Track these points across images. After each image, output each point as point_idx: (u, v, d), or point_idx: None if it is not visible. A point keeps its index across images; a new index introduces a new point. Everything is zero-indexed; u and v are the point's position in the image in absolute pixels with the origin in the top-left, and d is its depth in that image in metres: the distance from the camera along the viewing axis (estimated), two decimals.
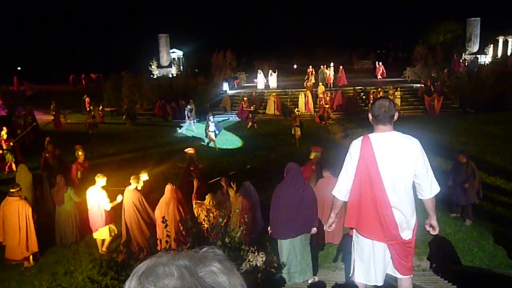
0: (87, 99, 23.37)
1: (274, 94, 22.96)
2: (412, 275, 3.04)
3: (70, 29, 44.15)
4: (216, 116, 18.71)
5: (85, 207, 7.63)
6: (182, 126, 19.71)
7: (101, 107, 22.87)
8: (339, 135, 16.93)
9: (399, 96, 21.45)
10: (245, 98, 21.54)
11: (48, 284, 6.79)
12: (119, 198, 7.32)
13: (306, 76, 25.89)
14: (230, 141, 17.03)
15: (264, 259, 4.31)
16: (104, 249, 7.63)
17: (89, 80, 34.39)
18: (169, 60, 34.52)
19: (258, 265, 4.24)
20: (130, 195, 7.16)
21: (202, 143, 15.90)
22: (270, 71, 26.88)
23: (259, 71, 27.13)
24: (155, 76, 30.81)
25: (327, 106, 18.69)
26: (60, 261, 7.53)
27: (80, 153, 10.07)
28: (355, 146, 2.90)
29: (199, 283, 0.76)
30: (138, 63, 32.54)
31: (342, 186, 3.03)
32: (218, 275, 0.79)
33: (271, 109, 22.39)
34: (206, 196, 6.01)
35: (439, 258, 6.92)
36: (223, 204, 7.17)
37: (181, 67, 34.14)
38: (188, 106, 19.06)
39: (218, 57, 27.67)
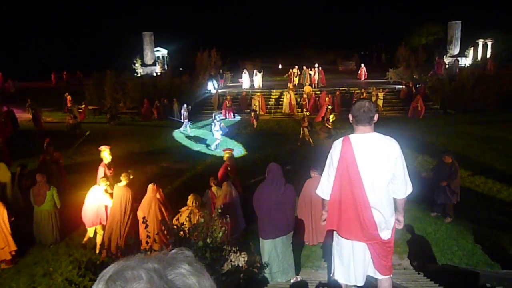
0: (68, 97, 22.98)
1: (258, 93, 22.98)
2: (391, 275, 3.07)
3: (52, 25, 43.27)
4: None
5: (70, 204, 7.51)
6: (169, 126, 19.60)
7: (83, 105, 22.51)
8: (323, 135, 17.03)
9: (382, 97, 21.72)
10: (228, 97, 21.44)
11: (26, 286, 6.63)
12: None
13: (286, 75, 26.10)
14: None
15: (246, 259, 4.29)
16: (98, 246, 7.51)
17: (71, 78, 33.79)
18: (153, 58, 34.23)
19: (240, 265, 4.23)
20: (119, 192, 7.01)
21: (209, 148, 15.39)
22: (255, 71, 26.92)
23: (244, 70, 27.17)
24: (139, 75, 30.48)
25: (330, 107, 18.82)
26: (39, 262, 7.36)
27: (107, 153, 8.76)
28: (336, 147, 2.94)
29: (168, 286, 0.75)
30: (122, 61, 32.16)
31: (325, 186, 3.06)
32: (187, 277, 0.78)
33: (256, 108, 22.39)
34: (189, 197, 5.96)
35: (419, 257, 7.02)
36: (208, 204, 7.15)
37: (166, 66, 33.86)
38: (185, 106, 18.69)
39: (203, 56, 27.56)
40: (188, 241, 3.78)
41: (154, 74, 30.00)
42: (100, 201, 7.21)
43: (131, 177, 7.51)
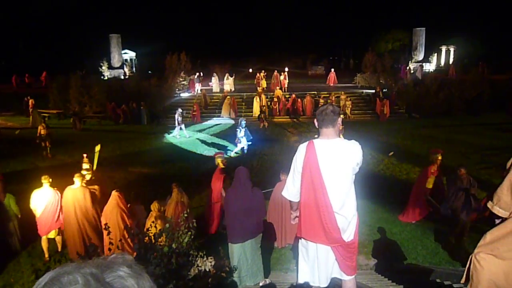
0: (30, 101, 22.12)
1: (229, 96, 22.99)
2: (355, 275, 3.12)
3: (14, 27, 41.63)
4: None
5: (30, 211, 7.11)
6: (135, 130, 19.17)
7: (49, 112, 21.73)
8: (293, 138, 17.20)
9: (349, 104, 22.21)
10: (195, 100, 21.25)
11: None
12: None
13: (255, 81, 26.31)
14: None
15: (212, 263, 4.25)
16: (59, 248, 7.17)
17: (34, 81, 32.52)
18: (121, 61, 33.56)
19: (208, 270, 4.18)
20: (70, 195, 6.60)
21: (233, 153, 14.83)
22: (227, 74, 26.92)
23: (214, 74, 27.06)
24: (106, 78, 29.77)
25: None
26: None
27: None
28: (300, 151, 2.98)
29: None
30: (88, 64, 31.33)
31: (290, 188, 3.09)
32: (126, 279, 0.80)
33: (226, 111, 22.39)
34: (152, 204, 5.83)
35: (386, 257, 7.19)
36: (177, 208, 7.02)
37: (134, 69, 33.25)
38: (179, 110, 17.95)
39: (172, 59, 27.23)
40: (154, 247, 3.70)
41: (122, 77, 29.38)
42: (50, 205, 6.86)
43: (92, 177, 7.20)
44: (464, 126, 19.09)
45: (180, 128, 17.24)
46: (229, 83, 26.48)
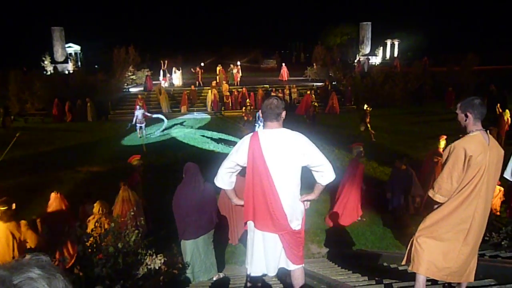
0: None
1: (185, 91, 22.74)
2: (303, 264, 3.18)
3: None
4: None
5: None
6: (80, 129, 18.30)
7: None
8: (246, 132, 17.23)
9: (295, 92, 22.74)
10: (139, 96, 20.66)
11: None
12: None
13: (218, 74, 26.06)
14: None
15: (162, 261, 4.17)
16: None
17: None
18: (65, 55, 31.90)
19: (157, 268, 4.10)
20: None
21: None
22: (174, 68, 26.37)
23: (163, 68, 26.40)
24: (49, 73, 28.21)
25: (317, 105, 19.07)
26: None
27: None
28: (244, 142, 3.01)
29: None
30: (29, 58, 29.50)
31: (224, 176, 3.06)
32: (36, 280, 0.79)
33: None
34: (95, 204, 5.60)
35: (337, 244, 7.42)
36: (124, 206, 6.80)
37: (79, 63, 31.74)
38: (140, 109, 16.57)
39: (120, 53, 26.29)
40: (99, 248, 3.57)
41: (66, 72, 27.96)
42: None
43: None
44: (407, 116, 20.10)
45: (140, 127, 16.54)
46: (177, 77, 26.07)
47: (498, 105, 13.97)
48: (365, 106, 15.60)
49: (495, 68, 28.39)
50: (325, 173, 2.98)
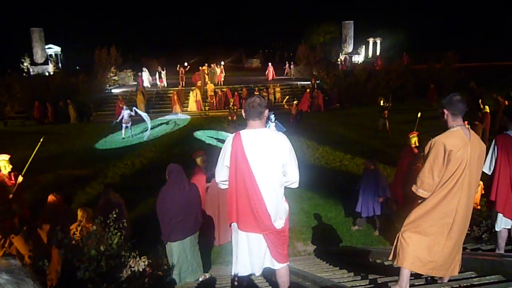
0: None
1: (173, 91, 22.60)
2: (288, 263, 3.18)
3: None
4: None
5: None
6: (60, 132, 17.94)
7: None
8: (231, 131, 17.19)
9: (279, 92, 22.84)
10: (120, 97, 20.39)
11: None
12: None
13: (205, 73, 25.95)
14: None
15: (146, 263, 4.11)
16: None
17: None
18: (45, 56, 31.28)
19: (142, 270, 4.04)
20: None
21: None
22: (159, 68, 26.15)
23: (144, 68, 26.19)
24: (29, 75, 27.64)
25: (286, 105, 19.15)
26: None
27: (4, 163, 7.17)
28: (228, 142, 3.00)
29: None
30: (7, 60, 28.84)
31: (221, 173, 3.07)
32: (4, 285, 0.78)
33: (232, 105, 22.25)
34: (78, 211, 5.49)
35: (322, 241, 7.45)
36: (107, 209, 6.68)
37: (60, 65, 31.16)
38: (126, 109, 16.23)
39: (101, 54, 25.91)
40: (81, 252, 3.50)
41: (47, 74, 27.43)
42: None
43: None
44: (391, 113, 20.32)
45: (126, 127, 16.30)
46: (160, 78, 25.90)
47: (480, 101, 14.22)
48: (381, 101, 15.36)
49: (474, 65, 29.00)
50: (291, 185, 3.08)
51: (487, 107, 13.47)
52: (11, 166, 6.93)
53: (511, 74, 23.89)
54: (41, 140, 8.46)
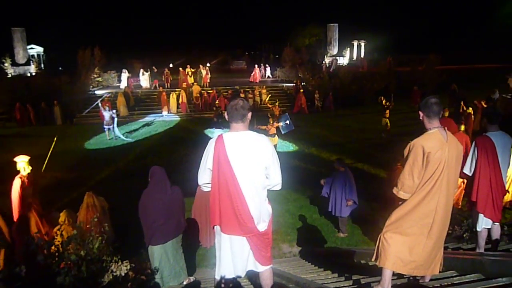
0: None
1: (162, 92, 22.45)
2: (271, 265, 3.18)
3: None
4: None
5: None
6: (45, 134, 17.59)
7: None
8: (217, 133, 17.14)
9: (267, 96, 22.82)
10: (105, 98, 20.13)
11: None
12: None
13: (188, 75, 25.80)
14: None
15: (128, 267, 4.05)
16: None
17: None
18: (27, 57, 30.72)
19: (124, 274, 3.98)
20: None
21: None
22: (142, 70, 25.90)
23: (124, 70, 25.78)
24: (9, 75, 27.07)
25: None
26: None
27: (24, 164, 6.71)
28: (210, 145, 2.99)
29: None
30: None
31: (203, 176, 3.06)
32: None
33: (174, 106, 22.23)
34: (61, 214, 5.40)
35: (308, 243, 7.47)
36: (89, 213, 6.58)
37: (42, 65, 30.61)
38: (114, 110, 16.26)
39: (85, 54, 25.52)
40: (61, 256, 3.43)
41: (29, 75, 26.91)
42: None
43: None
44: (375, 115, 20.52)
45: (109, 129, 16.04)
46: (145, 79, 25.68)
47: (462, 103, 14.41)
48: (383, 100, 15.39)
49: (455, 67, 29.53)
50: (274, 188, 3.09)
51: (470, 108, 13.71)
52: (30, 168, 6.67)
53: (492, 76, 24.40)
54: (55, 139, 8.24)
